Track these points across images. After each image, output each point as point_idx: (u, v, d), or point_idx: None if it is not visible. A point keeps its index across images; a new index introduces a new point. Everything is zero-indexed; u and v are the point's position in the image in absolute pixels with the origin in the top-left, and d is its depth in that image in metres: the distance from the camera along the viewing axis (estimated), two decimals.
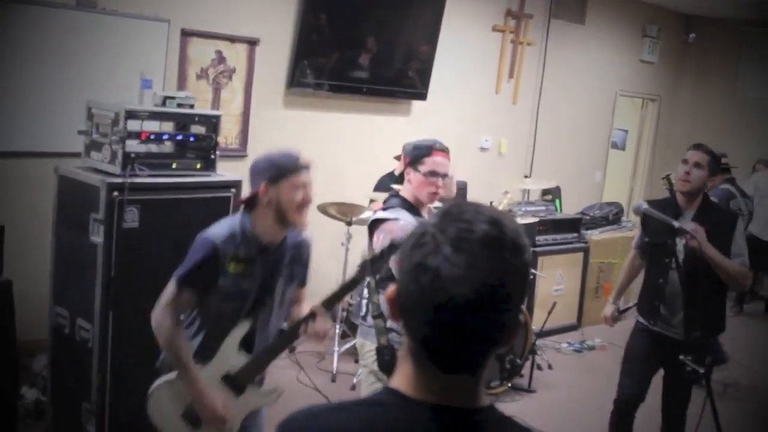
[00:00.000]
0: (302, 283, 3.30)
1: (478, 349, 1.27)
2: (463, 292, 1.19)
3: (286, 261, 3.13)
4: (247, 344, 3.07)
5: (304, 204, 3.00)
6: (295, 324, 3.06)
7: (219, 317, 3.03)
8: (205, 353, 3.04)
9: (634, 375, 4.45)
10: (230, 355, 3.04)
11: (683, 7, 10.71)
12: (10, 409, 4.28)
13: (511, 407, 5.79)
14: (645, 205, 4.18)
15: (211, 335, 3.05)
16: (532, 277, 6.91)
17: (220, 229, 3.01)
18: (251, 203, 3.04)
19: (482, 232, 1.22)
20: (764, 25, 10.54)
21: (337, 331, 6.15)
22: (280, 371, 5.91)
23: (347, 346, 6.16)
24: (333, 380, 5.84)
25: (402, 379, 1.31)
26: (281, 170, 2.98)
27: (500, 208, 4.99)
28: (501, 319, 1.24)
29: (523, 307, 6.18)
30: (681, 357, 3.77)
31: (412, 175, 3.69)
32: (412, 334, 1.29)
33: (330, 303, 3.08)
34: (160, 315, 2.99)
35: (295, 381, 5.77)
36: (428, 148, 3.71)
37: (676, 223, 3.88)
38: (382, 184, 6.36)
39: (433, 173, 3.63)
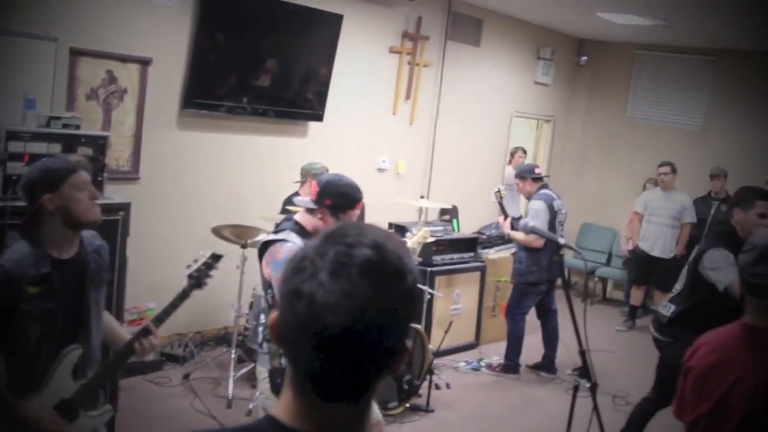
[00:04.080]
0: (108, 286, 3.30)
1: (359, 378, 1.22)
2: (339, 320, 1.15)
3: (91, 268, 3.05)
4: (83, 369, 2.99)
5: (91, 201, 2.96)
6: (129, 341, 3.07)
7: (25, 342, 2.87)
8: (11, 381, 2.85)
9: None
10: (64, 382, 2.93)
11: (576, 30, 11.02)
12: None
13: (409, 428, 5.80)
14: (531, 223, 4.28)
15: (15, 361, 2.88)
16: (429, 296, 6.95)
17: (8, 255, 2.89)
18: (34, 220, 2.93)
19: (362, 256, 1.18)
20: (654, 49, 10.93)
21: (233, 356, 6.05)
22: (175, 398, 5.79)
23: (243, 371, 6.06)
24: (229, 406, 5.73)
25: (283, 408, 1.26)
26: (59, 174, 2.91)
27: (416, 239, 5.03)
28: (383, 347, 1.20)
29: (421, 327, 6.24)
30: (568, 373, 3.85)
31: (327, 217, 3.58)
32: (291, 361, 1.25)
33: (160, 320, 3.14)
34: None
35: (189, 408, 5.65)
36: (355, 201, 3.64)
37: (561, 240, 3.98)
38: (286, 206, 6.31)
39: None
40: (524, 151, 10.34)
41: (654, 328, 4.96)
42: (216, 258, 3.26)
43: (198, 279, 3.21)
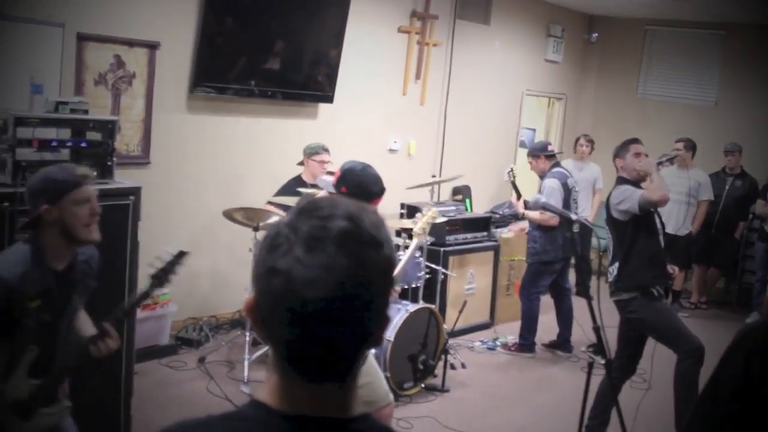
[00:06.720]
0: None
1: (342, 354, 1.19)
2: (318, 294, 1.13)
3: (80, 278, 3.03)
4: (39, 368, 2.89)
5: (91, 218, 2.89)
6: (85, 343, 2.97)
7: (22, 356, 2.83)
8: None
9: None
10: (19, 382, 2.85)
11: (586, 7, 10.92)
12: None
13: (425, 407, 5.78)
14: (543, 199, 4.29)
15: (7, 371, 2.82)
16: (443, 276, 6.93)
17: (11, 267, 2.79)
18: (34, 227, 2.88)
19: (337, 228, 1.16)
20: (666, 25, 10.82)
21: (248, 339, 6.04)
22: (190, 382, 5.79)
23: (258, 354, 6.05)
24: None
25: (268, 391, 1.24)
26: (60, 187, 2.85)
27: (425, 219, 4.99)
28: (364, 320, 1.18)
29: (435, 306, 6.21)
30: (582, 350, 3.84)
31: None
32: (272, 342, 1.21)
33: (119, 320, 3.05)
34: None
35: (205, 391, 5.66)
36: (371, 195, 3.66)
37: (574, 216, 4.02)
38: (289, 188, 6.28)
39: None
40: (589, 141, 9.68)
41: (612, 294, 5.09)
42: (181, 255, 3.08)
43: (160, 278, 3.06)
